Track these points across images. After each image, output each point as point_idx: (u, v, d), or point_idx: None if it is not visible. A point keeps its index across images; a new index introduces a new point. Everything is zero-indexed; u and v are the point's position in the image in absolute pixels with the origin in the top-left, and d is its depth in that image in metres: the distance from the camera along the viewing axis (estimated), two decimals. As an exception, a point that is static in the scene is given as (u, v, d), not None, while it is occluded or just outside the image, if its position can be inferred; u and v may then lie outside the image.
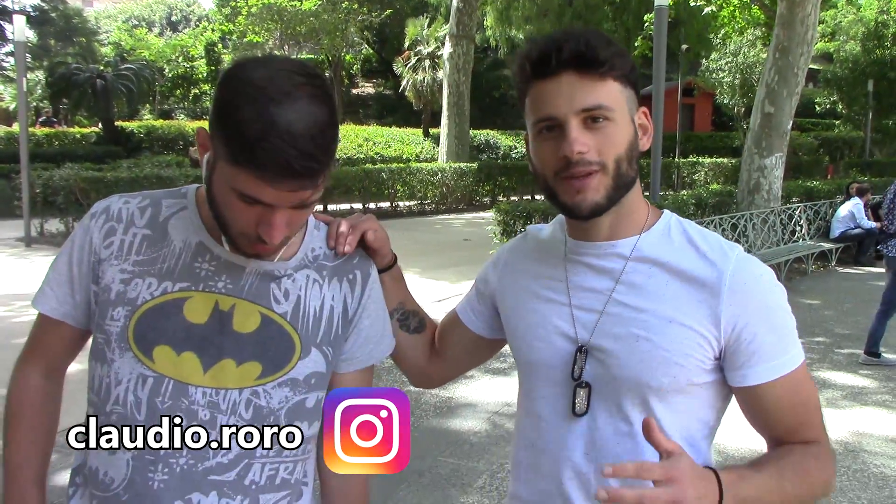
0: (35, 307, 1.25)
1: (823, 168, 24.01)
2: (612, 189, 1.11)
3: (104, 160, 17.71)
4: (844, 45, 26.74)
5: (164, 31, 48.64)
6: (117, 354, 1.14)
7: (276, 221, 1.04)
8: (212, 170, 1.07)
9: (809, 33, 10.13)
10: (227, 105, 1.00)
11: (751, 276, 1.12)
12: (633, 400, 1.14)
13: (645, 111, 1.17)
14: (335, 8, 22.01)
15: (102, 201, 1.22)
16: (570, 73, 1.09)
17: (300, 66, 1.05)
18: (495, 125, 30.01)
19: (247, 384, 1.15)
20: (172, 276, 1.15)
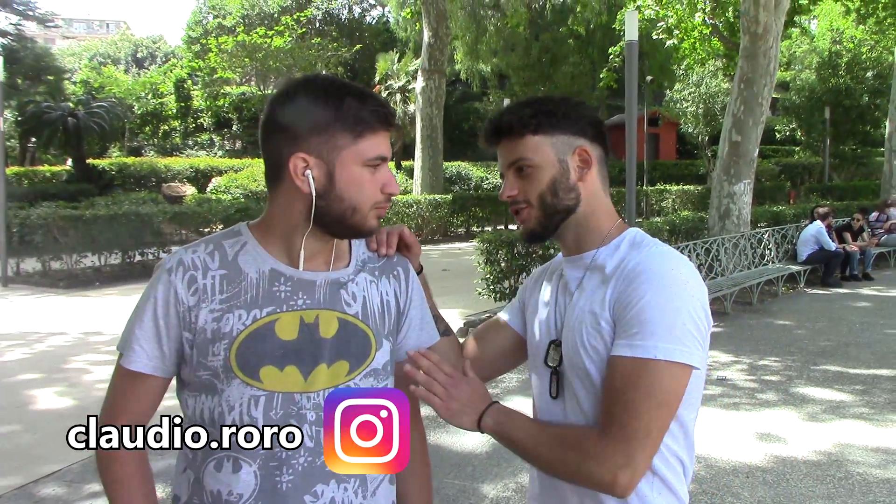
0: (127, 367, 1.31)
1: (785, 193, 24.72)
2: (544, 217, 1.41)
3: (77, 198, 17.63)
4: (800, 74, 27.72)
5: (129, 68, 48.56)
6: (226, 384, 1.27)
7: (390, 173, 1.33)
8: (329, 175, 1.26)
9: (772, 65, 10.58)
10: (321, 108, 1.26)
11: (644, 266, 1.30)
12: (579, 384, 1.36)
13: (582, 149, 1.41)
14: (307, 44, 22.30)
15: (172, 257, 1.31)
16: (503, 140, 1.44)
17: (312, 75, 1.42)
18: (466, 157, 30.38)
19: (340, 381, 1.32)
20: (257, 303, 1.29)
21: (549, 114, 1.40)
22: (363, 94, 1.29)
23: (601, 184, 1.45)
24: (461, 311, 9.22)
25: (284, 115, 1.28)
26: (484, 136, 1.47)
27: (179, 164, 25.89)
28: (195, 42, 32.85)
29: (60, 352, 7.54)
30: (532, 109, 1.41)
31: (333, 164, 1.26)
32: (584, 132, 1.42)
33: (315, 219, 1.29)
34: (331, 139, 1.26)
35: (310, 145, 1.25)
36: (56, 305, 10.31)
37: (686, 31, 18.77)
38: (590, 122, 1.44)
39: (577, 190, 1.41)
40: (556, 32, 26.59)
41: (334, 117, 1.25)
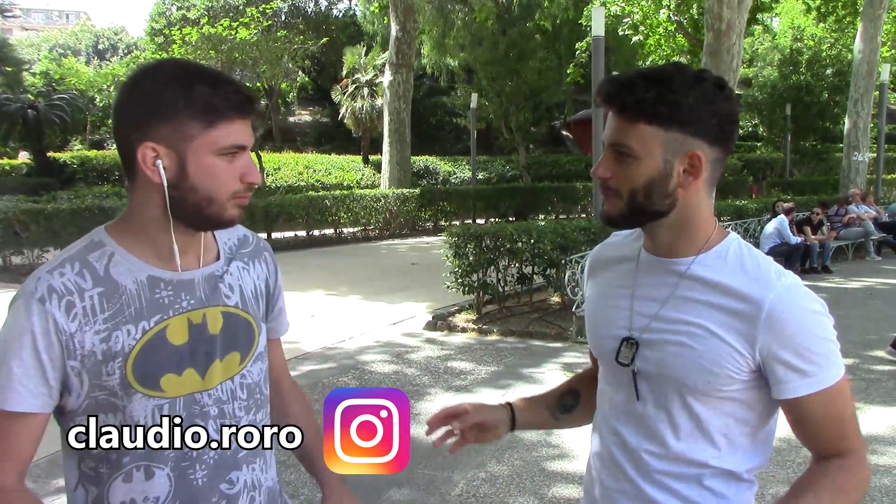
0: (10, 410, 1.20)
1: (747, 188, 25.13)
2: (628, 213, 1.29)
3: (38, 192, 17.31)
4: (762, 71, 28.17)
5: (90, 60, 47.65)
6: (126, 400, 1.24)
7: (252, 163, 1.26)
8: (180, 165, 1.20)
9: (735, 62, 10.78)
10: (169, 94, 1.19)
11: (790, 306, 1.24)
12: (673, 396, 1.32)
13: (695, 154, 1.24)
14: (273, 37, 22.09)
15: (37, 284, 1.21)
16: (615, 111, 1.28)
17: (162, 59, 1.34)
18: (433, 151, 30.41)
19: (235, 371, 1.34)
20: (143, 315, 1.25)
21: (671, 105, 1.22)
22: (216, 79, 1.22)
23: (707, 189, 1.30)
24: (429, 305, 9.27)
25: (131, 102, 1.22)
26: (599, 95, 1.29)
27: (143, 158, 25.50)
28: (158, 34, 32.35)
29: None
30: (655, 93, 1.22)
31: (185, 154, 1.21)
32: (707, 133, 1.24)
33: (172, 210, 1.23)
34: (180, 127, 1.20)
35: (158, 134, 1.20)
36: (17, 301, 10.14)
37: (651, 28, 19.03)
38: (717, 118, 1.24)
39: (675, 196, 1.27)
40: (523, 27, 26.63)
41: (183, 105, 1.19)
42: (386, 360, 6.89)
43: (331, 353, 7.15)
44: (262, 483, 1.40)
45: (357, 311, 9.22)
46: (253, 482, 1.37)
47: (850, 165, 17.71)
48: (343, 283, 11.06)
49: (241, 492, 1.35)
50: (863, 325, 8.19)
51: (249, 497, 1.36)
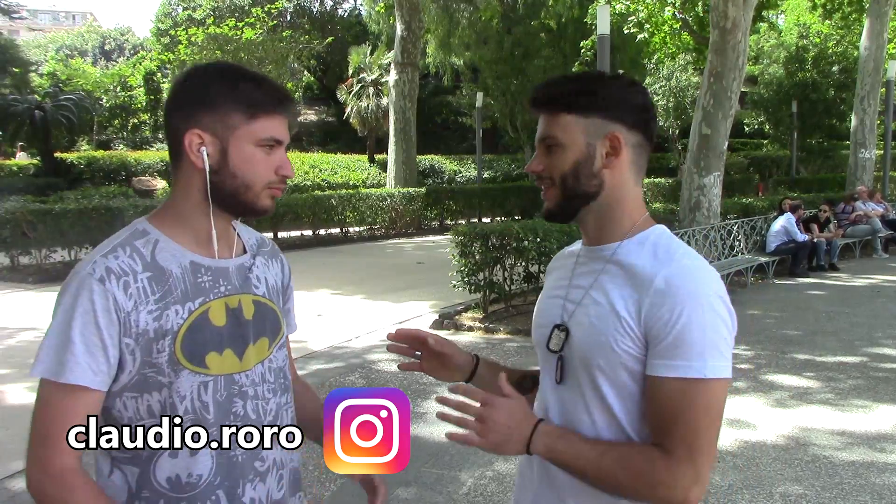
0: (72, 383, 1.25)
1: (754, 186, 25.06)
2: (563, 199, 1.39)
3: (45, 192, 17.37)
4: (768, 69, 28.07)
5: (97, 61, 47.77)
6: (173, 377, 1.32)
7: (286, 157, 1.39)
8: (223, 152, 1.33)
9: (741, 59, 10.74)
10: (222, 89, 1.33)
11: (678, 283, 1.26)
12: (584, 376, 1.36)
13: (614, 135, 1.35)
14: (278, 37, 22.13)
15: (95, 266, 1.29)
16: (541, 112, 1.41)
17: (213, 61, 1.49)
18: (439, 150, 30.40)
19: (264, 356, 1.44)
20: (189, 297, 1.34)
21: (587, 93, 1.36)
22: (260, 78, 1.37)
23: (632, 174, 1.39)
24: (435, 304, 9.27)
25: (182, 94, 1.35)
26: (529, 102, 1.43)
27: (150, 158, 25.57)
28: (164, 34, 32.42)
29: (31, 347, 7.43)
30: (572, 86, 1.38)
31: (227, 142, 1.33)
32: (623, 118, 1.36)
33: (211, 195, 1.35)
34: (225, 118, 1.32)
35: (204, 123, 1.32)
36: (26, 301, 10.18)
37: (656, 26, 18.95)
38: (632, 106, 1.37)
39: (600, 177, 1.36)
40: (528, 26, 26.59)
41: (229, 97, 1.32)
42: (392, 359, 6.89)
43: (338, 353, 7.17)
44: (287, 463, 1.48)
45: (363, 310, 9.23)
46: (281, 461, 1.45)
47: (857, 162, 17.63)
48: (349, 283, 11.08)
49: (269, 469, 1.42)
50: (870, 322, 8.17)
51: (278, 475, 1.45)
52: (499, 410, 1.30)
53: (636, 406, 1.32)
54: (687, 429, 1.24)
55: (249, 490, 1.39)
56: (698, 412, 1.24)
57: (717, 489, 4.00)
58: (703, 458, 1.25)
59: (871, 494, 3.93)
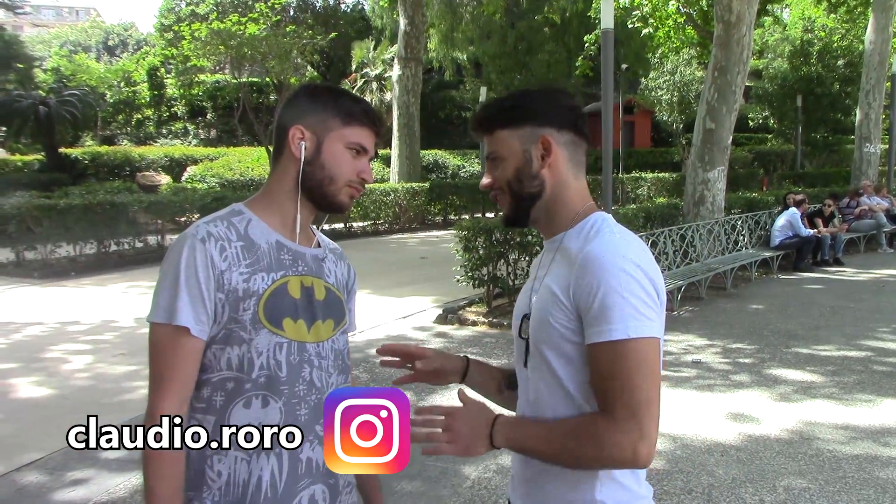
0: (179, 324, 1.44)
1: (758, 180, 25.01)
2: (514, 203, 1.54)
3: (50, 188, 17.40)
4: (773, 63, 27.99)
5: (100, 56, 47.81)
6: (254, 334, 1.50)
7: (368, 165, 1.62)
8: (317, 147, 1.57)
9: (745, 53, 10.71)
10: (324, 97, 1.60)
11: (598, 255, 1.38)
12: (538, 356, 1.47)
13: (544, 138, 1.50)
14: (282, 32, 22.10)
15: (198, 229, 1.51)
16: (482, 134, 1.58)
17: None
18: (442, 145, 30.36)
19: (329, 335, 1.62)
20: (273, 268, 1.55)
21: (513, 108, 1.52)
22: (359, 98, 1.64)
23: (570, 169, 1.53)
24: (439, 299, 9.29)
25: (296, 98, 1.62)
26: (471, 128, 1.61)
27: (154, 153, 25.62)
28: (168, 29, 32.30)
29: (37, 342, 7.50)
30: (499, 106, 1.55)
31: (323, 140, 1.57)
32: (551, 121, 1.51)
33: (302, 182, 1.58)
34: (325, 120, 1.57)
35: (307, 122, 1.57)
36: (31, 296, 10.22)
37: (661, 20, 18.90)
38: (558, 109, 1.52)
39: (540, 178, 1.51)
40: (531, 21, 26.58)
41: (330, 105, 1.58)
42: (397, 353, 6.90)
43: (342, 347, 7.18)
44: None
45: (367, 305, 9.24)
46: None
47: (862, 157, 17.58)
48: (353, 278, 11.06)
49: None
50: (874, 317, 8.17)
51: None
52: (460, 418, 1.42)
53: (585, 379, 1.41)
54: (622, 388, 1.33)
55: (308, 449, 1.54)
56: (630, 371, 1.33)
57: (720, 482, 4.01)
58: (644, 413, 1.32)
59: (874, 488, 3.94)
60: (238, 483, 1.49)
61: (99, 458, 4.41)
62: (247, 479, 1.49)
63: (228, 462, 1.49)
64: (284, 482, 1.51)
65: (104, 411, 5.27)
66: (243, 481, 1.49)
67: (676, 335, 7.44)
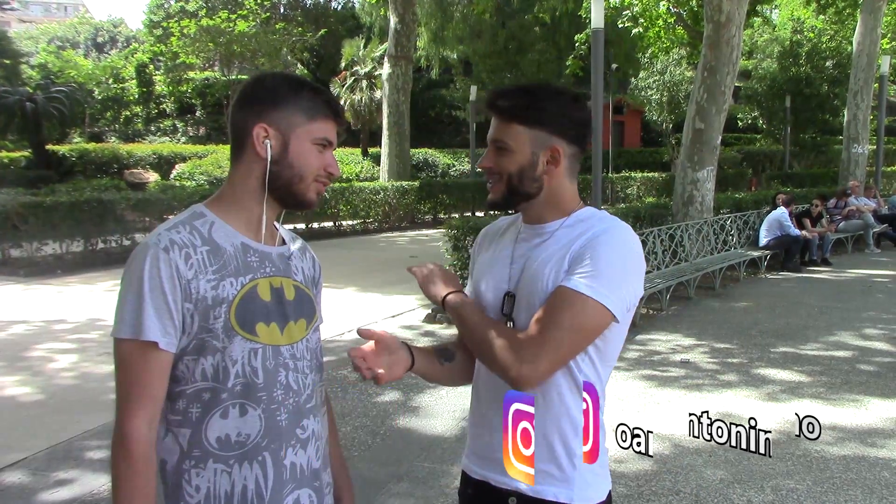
0: (147, 339, 1.39)
1: (747, 180, 25.11)
2: (508, 194, 1.62)
3: (37, 185, 17.27)
4: (762, 63, 28.12)
5: (89, 53, 47.49)
6: (227, 342, 1.46)
7: (334, 158, 1.59)
8: (284, 145, 1.52)
9: (734, 53, 10.74)
10: (284, 91, 1.53)
11: (609, 230, 1.55)
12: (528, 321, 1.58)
13: (555, 148, 1.59)
14: (271, 29, 22.02)
15: (160, 238, 1.45)
16: (494, 115, 1.63)
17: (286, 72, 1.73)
18: (432, 144, 30.32)
19: (303, 335, 1.59)
20: (240, 272, 1.50)
21: (539, 109, 1.58)
22: (319, 89, 1.58)
23: (567, 176, 1.63)
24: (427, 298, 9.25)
25: (254, 93, 1.54)
26: (483, 103, 1.67)
27: (142, 151, 25.46)
28: (157, 26, 32.22)
29: (22, 340, 7.42)
30: (526, 100, 1.59)
31: (289, 137, 1.52)
32: (565, 133, 1.59)
33: (269, 183, 1.52)
34: (289, 117, 1.52)
35: (271, 119, 1.51)
36: (16, 294, 10.13)
37: (651, 20, 18.94)
38: (575, 124, 1.61)
39: (541, 181, 1.60)
40: (522, 20, 26.57)
41: (293, 100, 1.52)
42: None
43: (330, 346, 7.13)
44: (323, 436, 1.64)
45: (356, 303, 9.21)
46: (318, 432, 1.61)
47: (850, 158, 17.67)
48: (342, 276, 11.04)
49: (309, 438, 1.57)
50: (861, 317, 8.20)
51: (316, 445, 1.60)
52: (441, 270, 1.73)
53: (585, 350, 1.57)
54: (549, 320, 1.49)
55: (291, 454, 1.53)
56: (564, 314, 1.49)
57: (708, 483, 4.00)
58: (547, 347, 1.48)
59: (861, 489, 3.94)
60: (219, 496, 1.46)
61: (83, 459, 4.37)
62: (230, 491, 1.47)
63: (207, 475, 1.46)
64: (270, 490, 1.49)
65: (88, 411, 5.22)
66: (225, 493, 1.46)
67: (665, 335, 7.45)
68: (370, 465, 4.34)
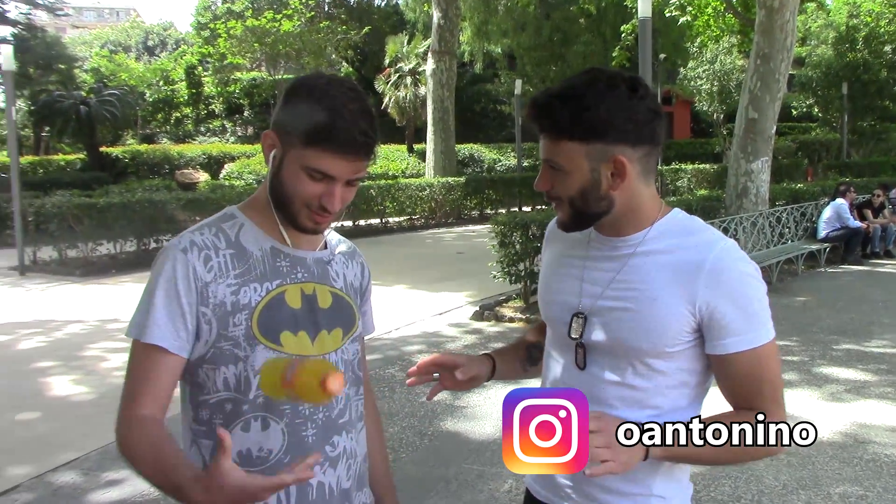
0: (152, 343, 1.33)
1: (803, 171, 24.41)
2: (575, 216, 1.41)
3: (91, 186, 17.67)
4: (816, 50, 27.29)
5: (140, 56, 48.55)
6: (249, 351, 1.37)
7: (336, 192, 1.35)
8: (280, 161, 1.36)
9: (789, 39, 10.38)
10: (299, 105, 1.34)
11: (727, 265, 1.34)
12: (622, 359, 1.41)
13: (618, 159, 1.33)
14: (315, 28, 22.16)
15: (181, 239, 1.39)
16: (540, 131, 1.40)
17: (340, 77, 1.44)
18: (478, 139, 30.19)
19: (338, 345, 1.47)
20: (267, 277, 1.41)
21: (587, 121, 1.32)
22: (341, 113, 1.31)
23: (640, 181, 1.39)
24: (476, 294, 9.17)
25: (287, 93, 1.41)
26: (527, 116, 1.42)
27: (192, 151, 25.91)
28: (204, 28, 32.73)
29: (77, 339, 7.56)
30: (570, 112, 1.32)
31: (286, 154, 1.36)
32: (626, 137, 1.33)
33: (269, 193, 1.41)
34: (290, 134, 1.35)
35: (279, 130, 1.37)
36: (72, 293, 10.35)
37: (699, 8, 18.49)
38: (636, 124, 1.33)
39: (609, 198, 1.37)
40: (566, 11, 26.22)
41: (299, 116, 1.33)
42: (432, 351, 6.82)
43: (376, 344, 7.10)
44: (357, 455, 1.52)
45: (403, 301, 9.17)
46: (352, 450, 1.49)
47: (912, 145, 17.01)
48: (388, 274, 11.02)
49: (340, 456, 1.46)
50: (929, 312, 7.85)
51: (347, 464, 1.48)
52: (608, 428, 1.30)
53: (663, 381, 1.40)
54: (773, 387, 1.38)
55: (319, 473, 1.42)
56: (774, 370, 1.39)
57: (770, 489, 3.83)
58: (783, 403, 1.40)
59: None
60: None
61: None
62: None
63: None
64: None
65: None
66: None
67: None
68: (417, 468, 4.28)
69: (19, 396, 5.76)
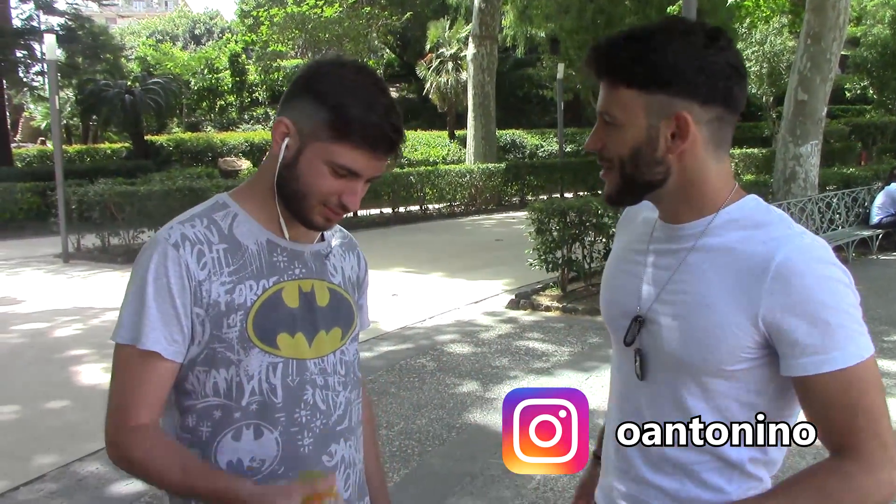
0: (146, 349, 1.23)
1: (856, 155, 23.62)
2: (623, 185, 1.19)
3: (135, 174, 17.92)
4: (871, 29, 26.34)
5: (187, 45, 49.21)
6: (243, 354, 1.27)
7: (358, 190, 1.28)
8: (297, 153, 1.26)
9: (841, 17, 9.96)
10: (326, 96, 1.24)
11: (801, 267, 1.09)
12: (674, 373, 1.20)
13: (682, 116, 1.12)
14: (357, 14, 22.10)
15: (171, 232, 1.27)
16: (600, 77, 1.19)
17: (361, 64, 1.33)
18: (520, 125, 29.90)
19: (336, 346, 1.38)
20: (263, 274, 1.30)
21: (650, 65, 1.12)
22: (374, 108, 1.24)
23: (711, 152, 1.16)
24: (513, 282, 9.02)
25: (302, 79, 1.30)
26: (584, 62, 1.22)
27: (235, 139, 26.15)
28: (248, 15, 32.96)
29: (112, 327, 7.60)
30: (631, 52, 1.13)
31: (305, 146, 1.26)
32: (695, 92, 1.11)
33: (276, 185, 1.30)
34: (313, 125, 1.25)
35: (296, 116, 1.27)
36: (113, 281, 10.47)
37: (749, -13, 17.92)
38: (708, 75, 1.11)
39: (665, 163, 1.16)
40: (611, -7, 25.69)
41: (327, 108, 1.24)
42: (465, 340, 6.70)
43: (408, 334, 7.02)
44: (356, 464, 1.43)
45: (439, 289, 9.07)
46: (350, 459, 1.41)
47: (974, 127, 16.28)
48: (426, 261, 10.93)
49: (338, 465, 1.37)
50: None
51: (346, 474, 1.40)
52: None
53: (727, 403, 1.17)
54: (868, 420, 1.09)
55: None
56: (869, 396, 1.09)
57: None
58: (889, 437, 1.09)
59: None
60: None
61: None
62: None
63: None
64: None
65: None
66: None
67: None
68: (444, 461, 4.17)
69: (51, 384, 5.81)
